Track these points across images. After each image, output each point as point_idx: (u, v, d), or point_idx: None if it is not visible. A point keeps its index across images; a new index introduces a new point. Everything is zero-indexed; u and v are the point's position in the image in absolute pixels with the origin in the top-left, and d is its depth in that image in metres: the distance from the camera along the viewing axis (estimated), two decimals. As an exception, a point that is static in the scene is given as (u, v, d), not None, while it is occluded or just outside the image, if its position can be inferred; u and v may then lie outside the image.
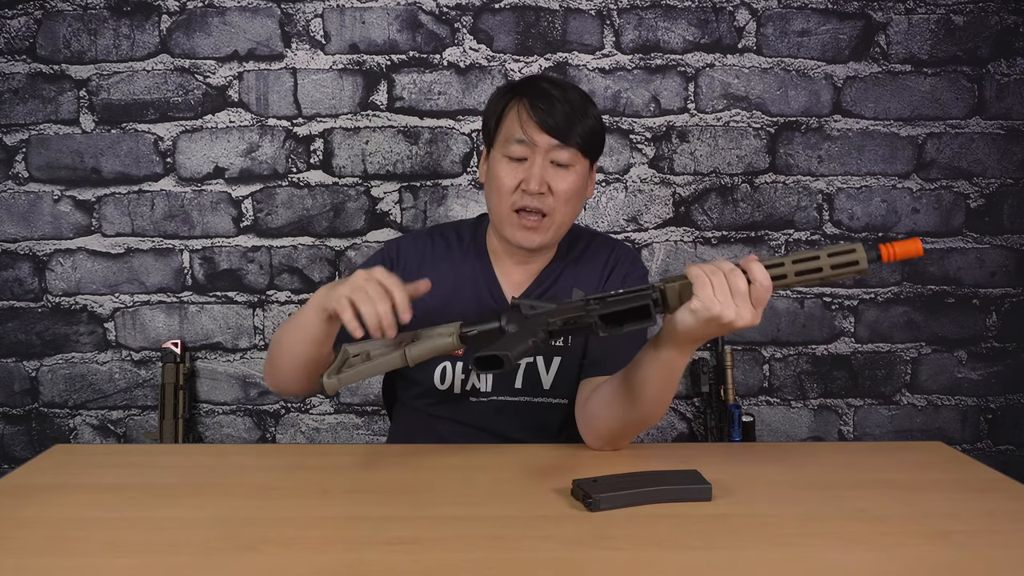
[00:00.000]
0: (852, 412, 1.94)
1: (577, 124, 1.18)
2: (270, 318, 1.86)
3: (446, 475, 1.01)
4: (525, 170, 1.17)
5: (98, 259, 1.84)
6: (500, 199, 1.19)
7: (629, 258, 1.33)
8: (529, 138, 1.17)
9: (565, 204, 1.19)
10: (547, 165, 1.18)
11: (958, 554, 0.81)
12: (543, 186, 1.17)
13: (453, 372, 1.22)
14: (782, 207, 1.88)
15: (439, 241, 1.30)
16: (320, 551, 0.80)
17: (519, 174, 1.18)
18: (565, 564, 0.78)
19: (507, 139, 1.19)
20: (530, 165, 1.17)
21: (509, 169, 1.18)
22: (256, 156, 1.82)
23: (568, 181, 1.18)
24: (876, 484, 1.00)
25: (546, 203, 1.17)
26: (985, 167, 1.89)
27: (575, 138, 1.17)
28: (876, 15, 1.83)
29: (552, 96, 1.18)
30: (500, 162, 1.20)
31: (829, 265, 0.91)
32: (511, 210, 1.19)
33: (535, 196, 1.17)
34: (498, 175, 1.19)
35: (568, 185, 1.18)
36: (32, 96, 1.79)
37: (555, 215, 1.19)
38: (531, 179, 1.16)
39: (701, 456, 1.13)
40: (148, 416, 1.88)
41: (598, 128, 1.22)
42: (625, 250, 1.34)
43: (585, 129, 1.18)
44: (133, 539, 0.83)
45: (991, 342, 1.93)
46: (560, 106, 1.17)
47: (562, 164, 1.18)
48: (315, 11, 1.79)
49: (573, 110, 1.18)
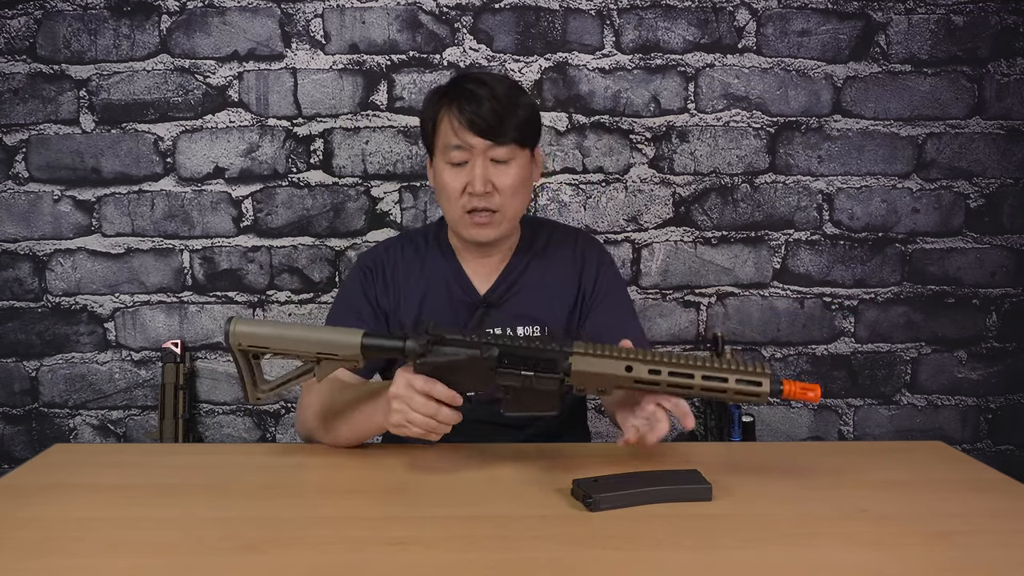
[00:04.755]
0: (852, 412, 1.94)
1: (508, 119, 1.21)
2: (270, 318, 1.86)
3: (446, 475, 1.01)
4: (468, 173, 1.22)
5: (98, 259, 1.84)
6: (450, 204, 1.25)
7: (596, 249, 1.39)
8: (464, 142, 1.21)
9: (512, 197, 1.24)
10: (487, 164, 1.22)
11: (958, 554, 0.81)
12: (487, 186, 1.22)
13: None
14: (782, 207, 1.88)
15: (408, 246, 1.35)
16: (320, 551, 0.80)
17: (463, 178, 1.22)
18: (565, 564, 0.78)
19: (445, 147, 1.24)
20: (471, 168, 1.22)
21: (453, 175, 1.23)
22: (256, 156, 1.82)
23: (511, 176, 1.23)
24: (876, 484, 1.00)
25: (493, 201, 1.23)
26: (985, 167, 1.89)
27: (509, 134, 1.21)
28: (876, 15, 1.83)
29: (479, 96, 1.22)
30: (443, 170, 1.25)
31: (734, 390, 0.91)
32: (463, 212, 1.24)
33: (481, 196, 1.22)
34: (444, 183, 1.24)
35: (511, 180, 1.23)
36: (32, 96, 1.79)
37: (505, 209, 1.24)
38: (475, 181, 1.21)
39: (701, 456, 1.13)
40: (148, 416, 1.88)
41: (531, 116, 1.26)
42: (589, 241, 1.40)
43: (518, 122, 1.22)
44: (133, 539, 0.83)
45: (991, 342, 1.93)
46: (488, 104, 1.21)
47: (501, 160, 1.23)
48: (315, 11, 1.79)
49: (502, 107, 1.22)
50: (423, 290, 1.30)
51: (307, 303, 1.86)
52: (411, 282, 1.31)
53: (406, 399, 0.99)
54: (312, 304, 1.86)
